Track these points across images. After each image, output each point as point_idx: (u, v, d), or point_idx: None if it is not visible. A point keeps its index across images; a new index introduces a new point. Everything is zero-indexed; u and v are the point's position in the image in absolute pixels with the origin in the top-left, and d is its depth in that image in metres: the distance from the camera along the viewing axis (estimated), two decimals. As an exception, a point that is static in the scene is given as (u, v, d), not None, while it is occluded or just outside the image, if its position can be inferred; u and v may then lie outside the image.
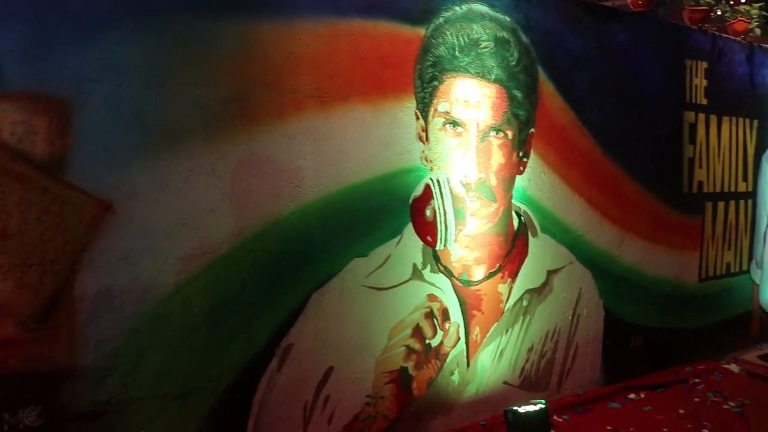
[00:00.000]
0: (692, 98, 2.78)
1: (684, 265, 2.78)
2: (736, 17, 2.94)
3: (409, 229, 1.95)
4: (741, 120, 3.01)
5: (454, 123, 2.01)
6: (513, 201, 2.19)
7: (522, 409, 1.87)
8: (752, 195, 3.00)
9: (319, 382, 1.76)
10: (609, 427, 2.13)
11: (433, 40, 1.96)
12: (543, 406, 1.89)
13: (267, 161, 1.66)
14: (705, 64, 2.82)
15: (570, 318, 2.40)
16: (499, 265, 2.17)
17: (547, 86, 2.25)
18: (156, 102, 1.48)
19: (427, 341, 2.00)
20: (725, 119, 2.93)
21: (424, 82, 1.96)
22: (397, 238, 1.93)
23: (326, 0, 1.73)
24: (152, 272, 1.48)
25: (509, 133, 2.11)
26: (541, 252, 2.27)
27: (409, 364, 1.95)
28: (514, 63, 2.11)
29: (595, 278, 2.45)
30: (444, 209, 2.00)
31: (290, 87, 1.68)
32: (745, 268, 3.07)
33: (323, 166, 1.76)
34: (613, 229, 2.51)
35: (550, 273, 2.30)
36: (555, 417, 2.17)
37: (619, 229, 2.53)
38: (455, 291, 2.06)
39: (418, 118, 1.96)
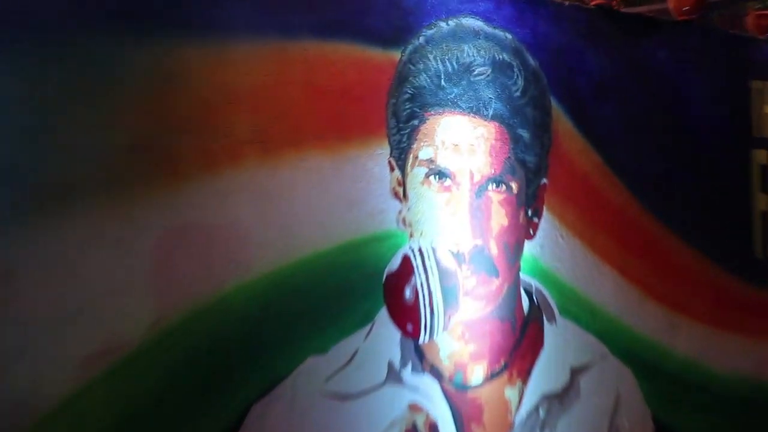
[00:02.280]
0: (762, 131, 3.00)
1: (764, 356, 2.95)
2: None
3: (383, 316, 2.11)
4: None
5: (441, 174, 2.20)
6: (521, 275, 2.37)
7: None
8: None
9: None
10: None
11: (412, 67, 2.19)
12: None
13: (192, 228, 1.81)
14: (778, 87, 3.06)
15: None
16: (505, 362, 2.31)
17: (563, 122, 2.48)
18: (40, 151, 1.60)
19: (410, 465, 2.16)
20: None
21: (401, 122, 2.18)
22: (367, 328, 2.09)
23: (271, 17, 1.93)
24: (29, 382, 1.53)
25: (514, 186, 2.28)
26: (561, 343, 2.43)
27: None
28: (518, 93, 2.35)
29: (638, 378, 2.58)
30: (429, 288, 2.16)
31: (223, 130, 1.86)
32: None
33: (268, 234, 1.91)
34: (660, 309, 2.69)
35: (576, 372, 2.44)
36: None
37: (669, 310, 2.71)
38: (446, 398, 2.20)
39: (392, 169, 2.17)
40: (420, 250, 2.18)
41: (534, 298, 2.43)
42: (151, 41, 1.79)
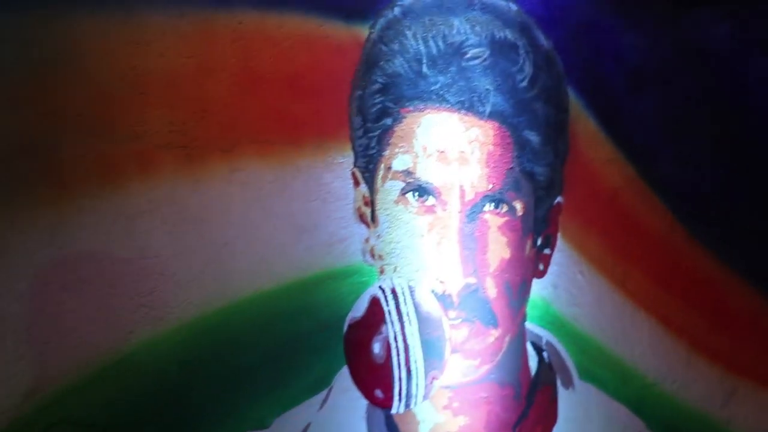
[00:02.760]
0: None
1: None
2: None
3: (344, 379, 2.12)
4: None
5: (422, 190, 2.22)
6: (528, 325, 2.39)
7: None
8: None
9: None
10: None
11: (383, 47, 2.21)
12: None
13: (88, 259, 1.84)
14: None
15: None
16: None
17: (584, 122, 2.51)
18: None
19: None
20: None
21: (369, 121, 2.21)
22: (322, 395, 2.11)
23: None
24: None
25: (518, 206, 2.30)
26: (581, 416, 2.43)
27: None
28: (525, 84, 2.35)
29: None
30: (405, 342, 2.16)
31: (131, 130, 1.89)
32: None
33: (191, 268, 1.95)
34: (714, 372, 2.68)
35: None
36: None
37: (725, 372, 2.70)
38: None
39: (357, 183, 2.19)
40: (393, 291, 2.19)
41: (545, 355, 2.44)
42: (31, 12, 1.83)
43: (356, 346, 2.17)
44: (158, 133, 1.95)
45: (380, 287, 2.20)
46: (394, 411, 2.20)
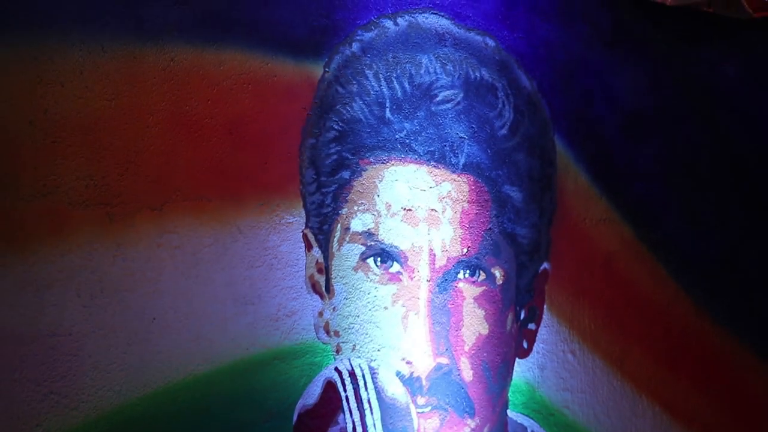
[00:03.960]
0: None
1: None
2: None
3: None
4: None
5: (385, 255, 2.20)
6: (510, 413, 2.35)
7: None
8: None
9: None
10: None
11: (340, 89, 2.19)
12: None
13: None
14: None
15: None
16: None
17: (574, 176, 2.50)
18: None
19: None
20: None
21: (323, 174, 2.17)
22: None
23: (121, 7, 1.94)
24: None
25: (498, 274, 2.30)
26: None
27: None
28: (504, 131, 2.34)
29: None
30: None
31: (39, 185, 1.87)
32: None
33: (110, 349, 1.91)
34: None
35: None
36: None
37: None
38: None
39: (309, 247, 2.15)
40: (352, 374, 2.16)
41: (532, 456, 2.38)
42: None
43: (308, 441, 2.13)
44: (74, 189, 1.90)
45: (336, 369, 2.16)
46: None
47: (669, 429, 2.60)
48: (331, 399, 2.13)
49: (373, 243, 2.19)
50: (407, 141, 2.22)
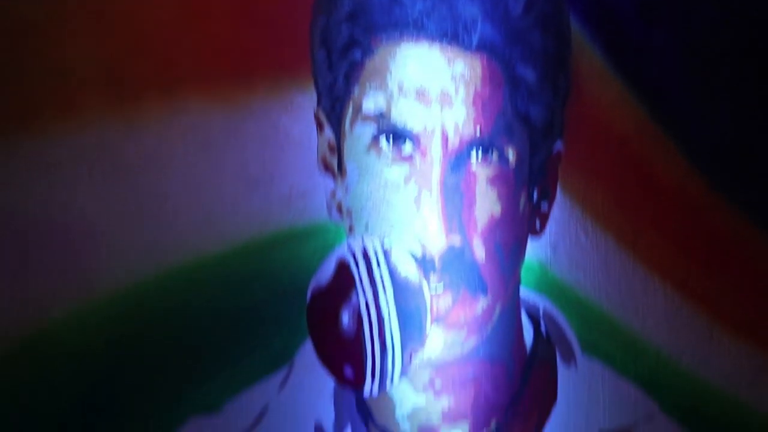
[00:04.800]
0: None
1: None
2: None
3: (307, 355, 2.10)
4: None
5: (398, 135, 2.14)
6: (523, 292, 2.36)
7: None
8: None
9: None
10: None
11: None
12: None
13: None
14: None
15: None
16: (498, 425, 2.30)
17: (589, 57, 2.44)
18: None
19: None
20: None
21: (334, 54, 2.14)
22: (282, 374, 2.10)
23: None
24: None
25: (511, 155, 2.24)
26: (584, 396, 2.40)
27: None
28: (519, 10, 2.28)
29: None
30: (378, 312, 2.11)
31: (49, 64, 1.87)
32: None
33: (122, 230, 1.92)
34: (741, 344, 2.61)
35: None
36: None
37: (753, 345, 2.63)
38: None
39: (321, 128, 2.15)
40: (364, 253, 2.13)
41: (542, 327, 2.41)
42: None
43: (321, 317, 2.11)
44: (84, 69, 1.90)
45: (349, 249, 2.15)
46: (366, 393, 2.16)
47: (680, 308, 2.57)
48: (343, 278, 2.10)
49: (385, 124, 2.15)
50: (420, 19, 2.16)
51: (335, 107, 2.19)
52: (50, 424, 1.82)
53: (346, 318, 2.13)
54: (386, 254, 2.15)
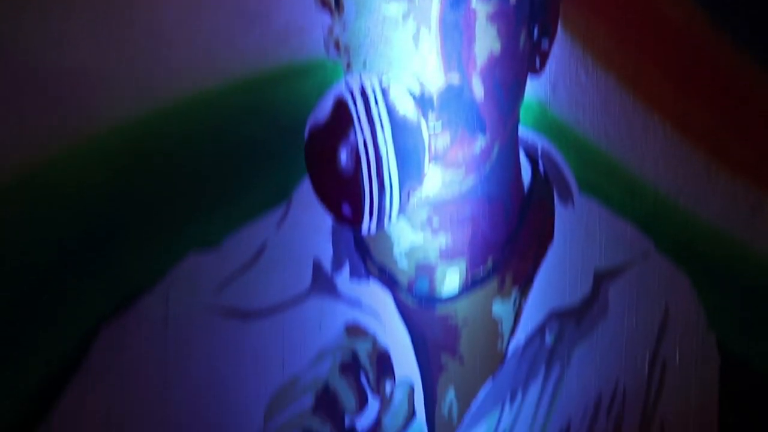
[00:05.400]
0: None
1: None
2: None
3: (304, 192, 2.11)
4: None
5: None
6: (521, 131, 2.35)
7: None
8: None
9: None
10: None
11: None
12: None
13: None
14: None
15: (645, 369, 2.58)
16: (494, 263, 2.35)
17: None
18: None
19: (347, 419, 2.21)
20: None
21: None
22: (280, 211, 2.11)
23: None
24: None
25: None
26: (581, 235, 2.43)
27: None
28: None
29: (697, 287, 2.61)
30: (376, 150, 2.11)
31: None
32: None
33: (118, 63, 1.90)
34: (739, 182, 2.66)
35: (602, 278, 2.46)
36: None
37: (750, 183, 2.68)
38: (403, 317, 2.23)
39: None
40: (363, 91, 2.12)
41: (540, 166, 2.41)
42: None
43: (319, 155, 2.12)
44: None
45: (347, 86, 2.13)
46: (364, 231, 2.17)
47: (679, 146, 2.57)
48: (341, 117, 2.10)
49: (382, -45, 2.10)
50: None
51: (334, -65, 2.15)
52: (49, 261, 1.83)
53: (344, 156, 2.13)
54: (384, 92, 2.14)
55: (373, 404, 2.20)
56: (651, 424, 2.63)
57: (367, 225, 2.16)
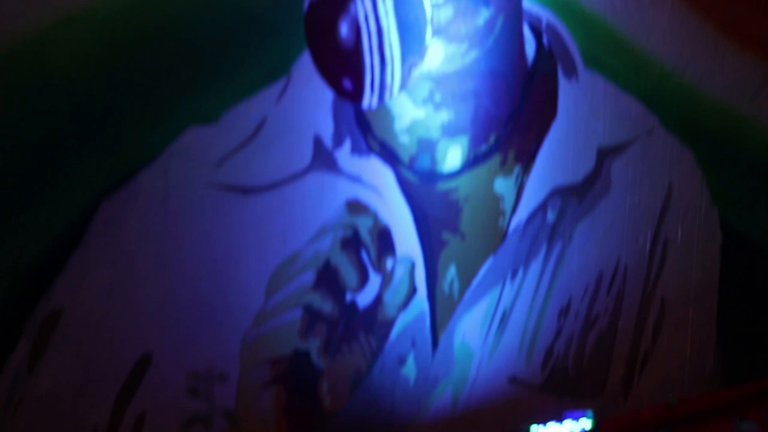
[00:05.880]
0: None
1: None
2: None
3: (304, 66, 2.08)
4: None
5: None
6: (526, 4, 2.29)
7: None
8: None
9: (121, 388, 1.94)
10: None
11: None
12: (590, 426, 2.11)
13: None
14: None
15: (647, 247, 2.59)
16: (497, 139, 2.33)
17: None
18: None
19: (348, 296, 2.24)
20: None
21: None
22: (280, 85, 2.07)
23: None
24: None
25: None
26: (585, 110, 2.40)
27: (313, 345, 2.16)
28: None
29: (702, 163, 2.61)
30: (377, 23, 2.09)
31: None
32: None
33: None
34: (746, 57, 2.63)
35: (606, 154, 2.45)
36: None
37: (758, 58, 2.64)
38: (404, 193, 2.22)
39: None
40: (364, -39, 2.06)
41: (545, 40, 2.37)
42: None
43: (320, 28, 2.08)
44: None
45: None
46: (365, 105, 2.14)
47: (686, 19, 2.55)
48: (343, -13, 2.03)
49: None
50: None
51: None
52: (47, 135, 1.80)
53: (344, 29, 2.09)
54: (386, -40, 2.07)
55: (374, 281, 2.20)
56: (651, 301, 2.63)
57: (368, 99, 2.14)
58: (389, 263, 2.20)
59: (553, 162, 2.39)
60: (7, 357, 1.83)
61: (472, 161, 2.29)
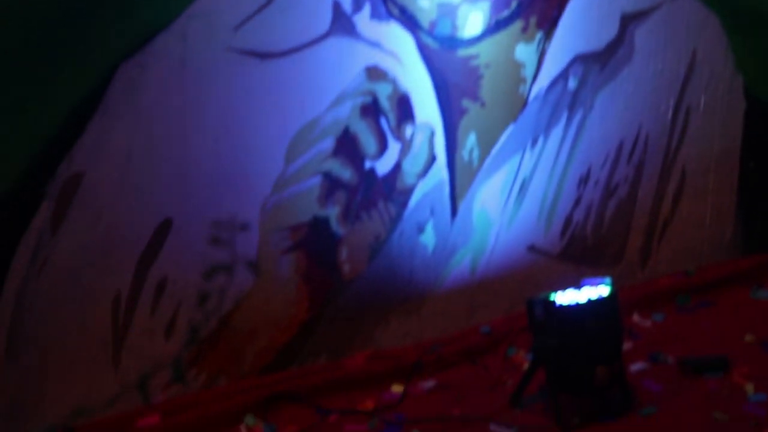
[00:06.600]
0: None
1: None
2: None
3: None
4: None
5: None
6: None
7: (563, 300, 2.11)
8: None
9: (143, 251, 1.97)
10: (750, 337, 2.30)
11: None
12: (608, 292, 2.12)
13: None
14: None
15: (669, 115, 2.57)
16: (518, 3, 2.27)
17: None
18: None
19: (368, 163, 2.23)
20: None
21: None
22: None
23: None
24: None
25: None
26: None
27: (332, 212, 2.17)
28: None
29: (727, 30, 2.58)
30: None
31: None
32: None
33: None
34: None
35: (629, 20, 2.42)
36: (636, 317, 2.41)
37: None
38: (424, 59, 2.20)
39: None
40: None
41: None
42: None
43: None
44: None
45: None
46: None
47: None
48: None
49: None
50: None
51: None
52: (55, 24, 1.79)
53: None
54: None
55: (393, 148, 2.20)
56: (672, 169, 2.62)
57: (390, -39, 2.09)
58: (408, 130, 2.19)
59: (576, 28, 2.37)
60: (28, 223, 1.83)
61: (493, 27, 2.27)
